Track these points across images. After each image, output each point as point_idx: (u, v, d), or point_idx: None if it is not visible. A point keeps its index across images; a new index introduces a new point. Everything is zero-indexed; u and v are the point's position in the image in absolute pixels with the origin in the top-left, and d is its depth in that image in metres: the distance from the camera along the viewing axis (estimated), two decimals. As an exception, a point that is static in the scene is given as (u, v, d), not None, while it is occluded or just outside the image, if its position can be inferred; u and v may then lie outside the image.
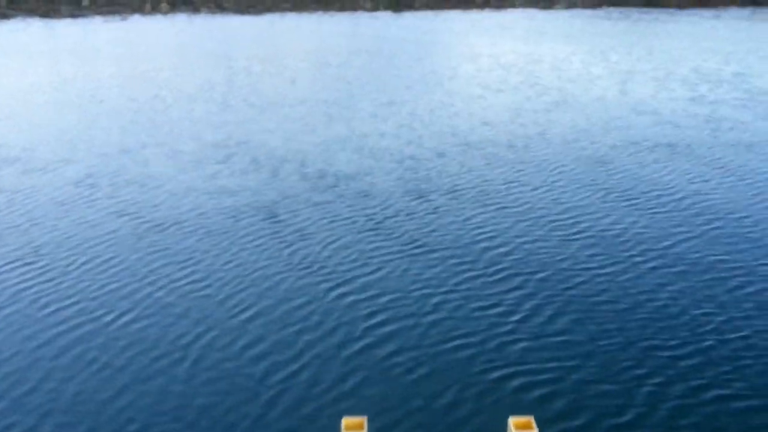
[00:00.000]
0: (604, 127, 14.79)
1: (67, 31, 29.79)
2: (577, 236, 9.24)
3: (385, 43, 26.81)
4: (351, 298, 6.98)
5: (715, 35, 27.10)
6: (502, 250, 8.44)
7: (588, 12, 34.95)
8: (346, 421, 3.78)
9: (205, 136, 14.24)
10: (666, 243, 8.60)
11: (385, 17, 34.94)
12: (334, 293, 7.10)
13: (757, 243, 8.64)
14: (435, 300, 7.02)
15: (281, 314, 6.56)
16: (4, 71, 21.19)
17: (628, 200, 10.58)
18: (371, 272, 7.60)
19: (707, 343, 6.22)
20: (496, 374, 5.62)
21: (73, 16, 32.91)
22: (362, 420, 3.80)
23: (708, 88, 18.32)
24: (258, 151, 13.30)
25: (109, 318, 6.50)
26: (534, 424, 3.76)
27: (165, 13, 35.08)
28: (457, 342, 6.09)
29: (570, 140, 13.88)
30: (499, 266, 7.97)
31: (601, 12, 34.85)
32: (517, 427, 3.79)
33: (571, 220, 9.88)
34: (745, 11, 33.54)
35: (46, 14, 32.64)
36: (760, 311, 6.75)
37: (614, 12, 34.63)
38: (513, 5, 37.23)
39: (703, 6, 35.13)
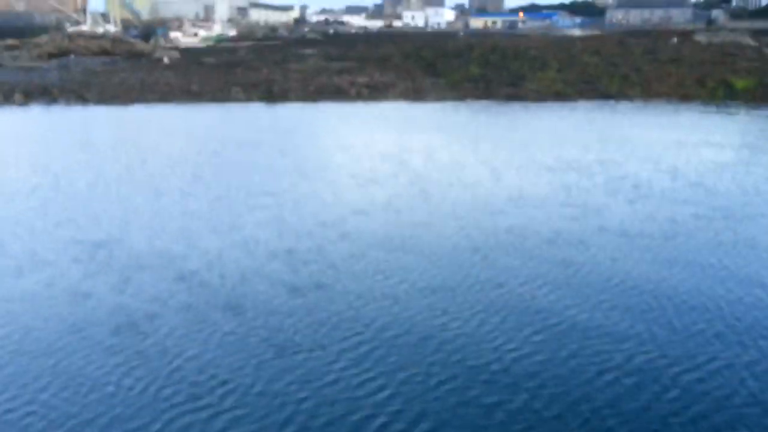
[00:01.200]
0: (477, 215, 14.72)
1: None
2: (448, 328, 8.70)
3: (258, 133, 26.27)
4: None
5: (571, 125, 28.70)
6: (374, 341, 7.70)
7: (456, 104, 36.32)
8: None
9: (58, 234, 12.70)
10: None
11: (258, 108, 34.64)
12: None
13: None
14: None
15: None
16: None
17: (498, 288, 10.22)
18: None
19: None
20: None
21: None
22: None
23: (575, 174, 18.84)
24: (118, 249, 11.93)
25: None
26: None
27: (19, 104, 32.91)
28: None
29: (446, 228, 13.58)
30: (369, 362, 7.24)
31: (467, 105, 36.31)
32: None
33: (441, 307, 9.48)
34: (594, 103, 36.12)
35: None
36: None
37: (479, 104, 36.21)
38: (385, 98, 38.05)
39: (558, 100, 37.47)
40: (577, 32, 79.11)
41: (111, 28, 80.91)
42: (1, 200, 15.72)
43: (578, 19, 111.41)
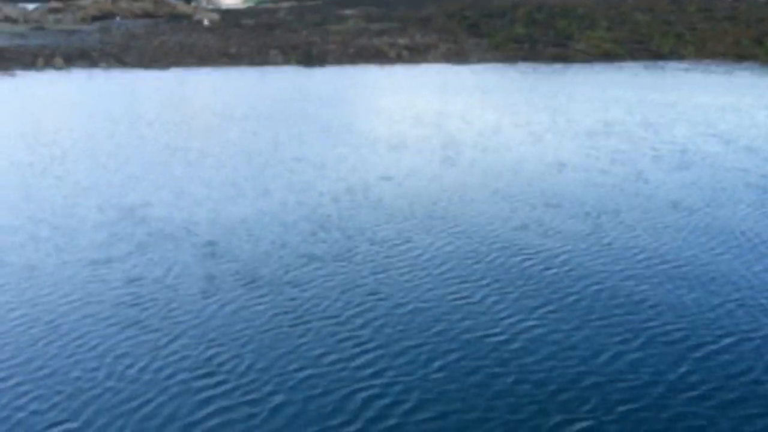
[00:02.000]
0: (510, 181, 14.10)
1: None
2: (496, 300, 8.23)
3: (296, 98, 25.82)
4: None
5: (620, 86, 27.50)
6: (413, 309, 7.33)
7: (500, 66, 35.26)
8: None
9: (99, 202, 12.59)
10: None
11: (296, 72, 34.16)
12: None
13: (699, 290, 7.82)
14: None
15: None
16: None
17: (553, 260, 9.65)
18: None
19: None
20: None
21: (-47, 70, 30.53)
22: None
23: (616, 139, 18.01)
24: (141, 216, 11.76)
25: None
26: None
27: (59, 68, 33.11)
28: None
29: (477, 195, 13.03)
30: (405, 334, 6.91)
31: (511, 66, 35.23)
32: None
33: (487, 283, 8.98)
34: (645, 64, 34.71)
35: None
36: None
37: (525, 66, 35.07)
38: (426, 60, 37.14)
39: (607, 61, 36.05)
40: (628, -11, 75.88)
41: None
42: (31, 163, 15.70)
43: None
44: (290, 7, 69.26)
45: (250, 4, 76.97)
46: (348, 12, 58.12)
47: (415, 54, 38.00)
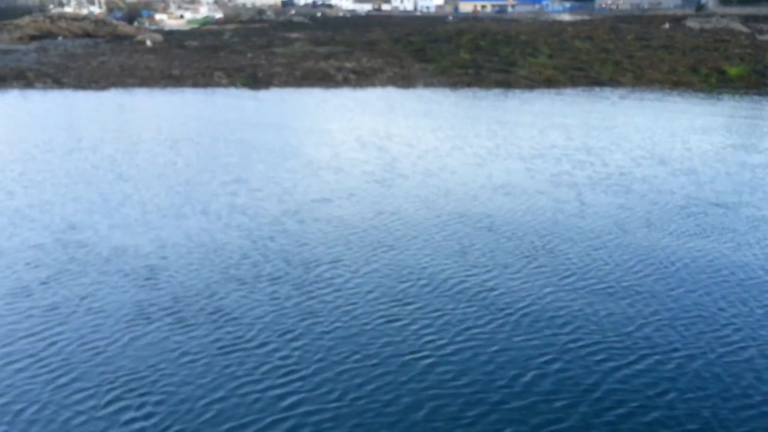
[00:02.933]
0: (449, 202, 14.08)
1: None
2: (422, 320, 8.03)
3: (240, 120, 25.42)
4: None
5: (560, 112, 28.04)
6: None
7: (446, 90, 35.56)
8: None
9: (30, 224, 11.90)
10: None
11: (241, 94, 33.72)
12: None
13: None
14: None
15: None
16: None
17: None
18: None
19: None
20: None
21: None
22: None
23: (555, 162, 18.20)
24: (89, 240, 11.18)
25: None
26: None
27: (-8, 87, 31.87)
28: None
29: (415, 216, 12.91)
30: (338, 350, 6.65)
31: (457, 91, 35.58)
32: None
33: (417, 306, 8.76)
34: (586, 90, 35.55)
35: None
36: None
37: (469, 91, 35.46)
38: (372, 84, 37.23)
39: (550, 87, 36.80)
40: (567, 17, 78.23)
41: (95, 10, 79.45)
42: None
43: (568, 4, 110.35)
44: (235, 28, 68.81)
45: (195, 25, 76.23)
46: (294, 35, 58.04)
47: (362, 77, 38.05)
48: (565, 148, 19.92)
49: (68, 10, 76.16)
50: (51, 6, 79.84)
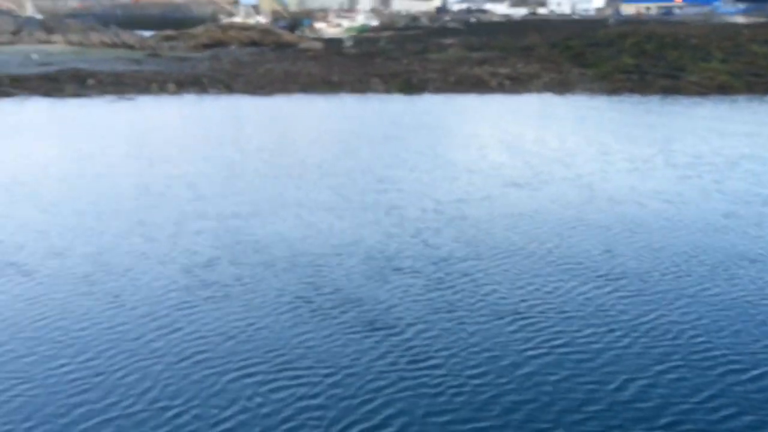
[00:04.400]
0: (604, 208, 13.45)
1: (70, 110, 29.11)
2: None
3: (394, 124, 25.78)
4: None
5: (731, 119, 25.86)
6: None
7: (605, 97, 34.05)
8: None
9: (206, 230, 12.63)
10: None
11: (397, 100, 34.20)
12: None
13: None
14: None
15: None
16: (4, 150, 20.36)
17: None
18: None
19: None
20: None
21: (77, 95, 32.33)
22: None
23: (722, 175, 16.74)
24: (253, 231, 11.73)
25: None
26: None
27: (172, 93, 34.49)
28: None
29: (568, 226, 12.34)
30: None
31: (618, 98, 33.94)
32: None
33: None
34: (759, 98, 32.62)
35: (48, 93, 32.05)
36: None
37: (632, 98, 33.73)
38: (528, 90, 36.41)
39: (723, 93, 34.16)
40: (741, 19, 72.37)
41: (261, 20, 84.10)
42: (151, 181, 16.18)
43: (741, 5, 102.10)
44: (391, 35, 70.18)
45: (353, 32, 78.65)
46: (448, 41, 58.15)
47: (517, 83, 37.34)
48: (732, 157, 18.36)
49: (237, 20, 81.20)
50: (222, 16, 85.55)
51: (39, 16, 70.89)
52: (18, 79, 33.52)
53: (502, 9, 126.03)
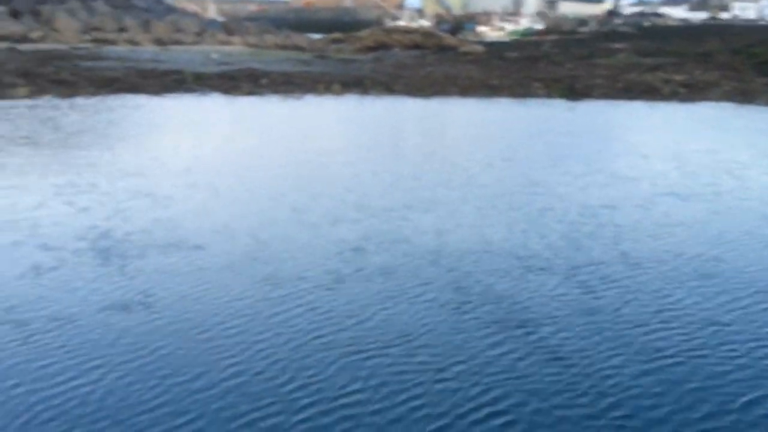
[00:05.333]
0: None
1: (244, 106, 31.30)
2: None
3: (554, 131, 25.07)
4: None
5: None
6: None
7: (795, 109, 31.05)
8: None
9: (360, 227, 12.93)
10: None
11: (558, 105, 33.33)
12: None
13: None
14: None
15: None
16: (186, 141, 22.14)
17: None
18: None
19: None
20: None
21: (251, 93, 34.65)
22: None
23: None
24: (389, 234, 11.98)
25: None
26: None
27: (337, 94, 36.01)
28: None
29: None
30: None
31: (810, 110, 30.82)
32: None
33: None
34: None
35: (227, 90, 34.62)
36: None
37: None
38: (706, 98, 34.00)
39: None
40: None
41: (424, 23, 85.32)
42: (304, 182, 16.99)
43: None
44: (555, 39, 68.49)
45: (516, 36, 77.65)
46: (618, 45, 55.76)
47: (693, 91, 35.04)
48: None
49: (401, 23, 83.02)
50: (387, 20, 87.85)
51: (221, 19, 76.56)
52: (200, 76, 36.55)
53: (679, 13, 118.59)
